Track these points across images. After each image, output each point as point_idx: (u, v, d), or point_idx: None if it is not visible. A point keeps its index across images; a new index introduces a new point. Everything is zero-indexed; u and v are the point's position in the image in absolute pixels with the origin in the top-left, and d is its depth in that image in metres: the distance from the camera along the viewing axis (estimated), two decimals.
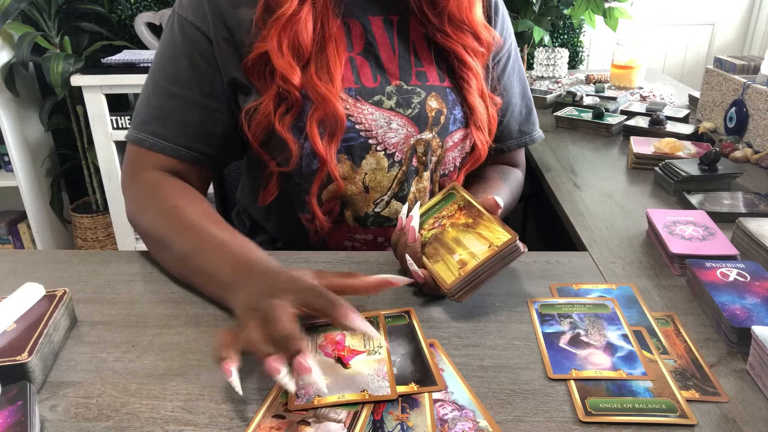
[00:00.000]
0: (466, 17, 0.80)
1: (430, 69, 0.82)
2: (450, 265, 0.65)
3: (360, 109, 0.78)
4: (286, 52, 0.73)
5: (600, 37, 2.44)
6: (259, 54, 0.74)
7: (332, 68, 0.75)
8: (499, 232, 0.66)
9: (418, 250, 0.68)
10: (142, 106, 0.80)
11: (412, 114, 0.80)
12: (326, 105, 0.74)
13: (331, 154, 0.76)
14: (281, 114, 0.75)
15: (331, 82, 0.75)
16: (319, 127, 0.75)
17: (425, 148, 0.82)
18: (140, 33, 2.21)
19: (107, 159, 2.12)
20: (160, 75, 0.79)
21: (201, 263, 0.66)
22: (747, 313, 0.60)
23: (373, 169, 0.80)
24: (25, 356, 0.53)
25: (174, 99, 0.78)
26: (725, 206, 0.90)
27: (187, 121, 0.78)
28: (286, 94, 0.75)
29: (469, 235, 0.68)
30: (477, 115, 0.83)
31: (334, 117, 0.75)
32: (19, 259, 0.78)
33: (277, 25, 0.73)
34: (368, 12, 0.80)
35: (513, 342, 0.60)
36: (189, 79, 0.77)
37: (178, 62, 0.77)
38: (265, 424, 0.49)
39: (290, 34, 0.73)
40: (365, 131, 0.78)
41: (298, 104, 0.75)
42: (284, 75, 0.73)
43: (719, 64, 1.40)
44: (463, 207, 0.71)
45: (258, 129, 0.77)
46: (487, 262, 0.63)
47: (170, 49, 0.78)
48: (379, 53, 0.80)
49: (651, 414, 0.50)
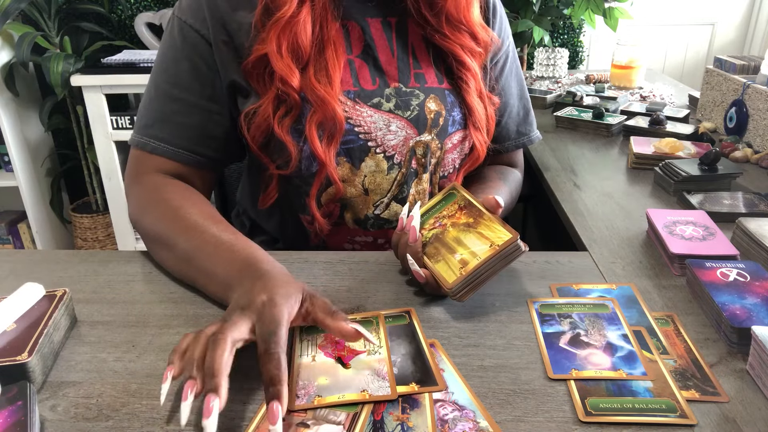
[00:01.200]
0: (464, 17, 0.80)
1: (428, 71, 0.82)
2: (451, 265, 0.65)
3: (359, 111, 0.78)
4: (285, 54, 0.73)
5: (600, 37, 2.44)
6: (258, 56, 0.74)
7: (331, 71, 0.75)
8: (500, 232, 0.66)
9: (419, 250, 0.68)
10: (144, 110, 0.80)
11: (411, 116, 0.80)
12: (325, 108, 0.74)
13: (330, 156, 0.76)
14: (280, 117, 0.75)
15: (330, 84, 0.75)
16: (318, 130, 0.75)
17: (424, 150, 0.82)
18: (140, 33, 2.21)
19: (107, 159, 2.12)
20: (161, 78, 0.79)
21: (203, 263, 0.66)
22: (747, 313, 0.60)
23: (372, 172, 0.80)
24: (25, 356, 0.53)
25: (175, 102, 0.78)
26: (725, 206, 0.90)
27: (188, 124, 0.78)
28: (285, 96, 0.75)
29: (470, 234, 0.68)
30: (476, 116, 0.83)
31: (333, 120, 0.75)
32: (19, 259, 0.78)
33: (276, 27, 0.73)
34: (366, 14, 0.80)
35: (513, 342, 0.60)
36: (190, 83, 0.77)
37: (178, 65, 0.77)
38: (265, 425, 0.49)
39: (289, 36, 0.73)
40: (364, 134, 0.78)
41: (297, 107, 0.75)
42: (283, 77, 0.73)
43: (719, 64, 1.40)
44: (464, 207, 0.71)
45: (257, 132, 0.77)
46: (489, 261, 0.63)
47: (171, 52, 0.78)
48: (377, 55, 0.80)
49: (651, 414, 0.50)
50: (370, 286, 0.70)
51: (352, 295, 0.69)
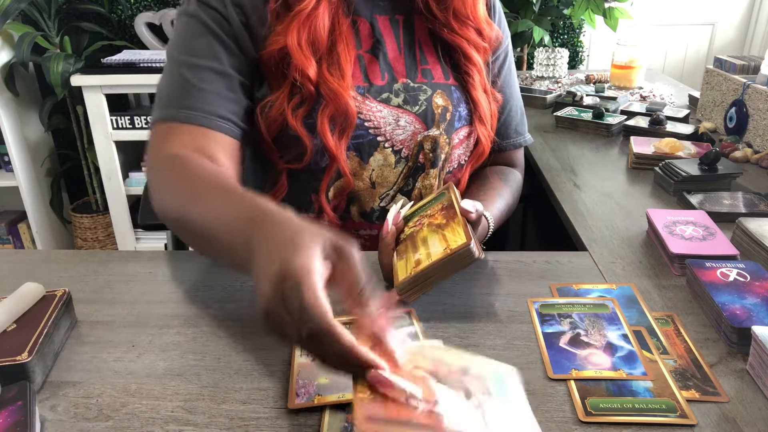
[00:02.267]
0: (471, 13, 0.82)
1: (435, 67, 0.84)
2: (408, 264, 0.65)
3: (369, 106, 0.79)
4: (305, 46, 0.74)
5: (600, 37, 2.44)
6: (277, 48, 0.75)
7: (343, 65, 0.76)
8: (459, 236, 0.64)
9: (389, 243, 0.69)
10: (166, 86, 0.75)
11: (420, 111, 0.81)
12: (338, 100, 0.75)
13: (341, 150, 0.77)
14: (293, 109, 0.76)
15: (342, 78, 0.76)
16: (330, 123, 0.76)
17: (433, 145, 0.82)
18: (140, 33, 2.21)
19: (107, 159, 2.12)
20: (182, 55, 0.74)
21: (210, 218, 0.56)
22: (747, 313, 0.60)
23: (380, 165, 0.81)
24: (25, 356, 0.53)
25: (202, 71, 0.73)
26: (725, 206, 0.90)
27: (217, 91, 0.74)
28: (300, 88, 0.75)
29: (436, 235, 0.67)
30: (480, 110, 0.85)
31: (345, 113, 0.76)
32: (19, 259, 0.78)
33: (298, 20, 0.74)
34: (375, 11, 0.82)
35: (513, 342, 0.60)
36: (215, 52, 0.74)
37: (200, 39, 0.74)
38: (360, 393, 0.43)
39: (309, 30, 0.74)
40: (374, 128, 0.79)
41: (311, 99, 0.76)
42: (302, 69, 0.74)
43: (719, 64, 1.40)
44: (445, 208, 0.71)
45: (273, 125, 0.77)
46: (437, 263, 0.62)
47: (190, 28, 0.75)
48: (386, 51, 0.82)
49: (651, 414, 0.50)
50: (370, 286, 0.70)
51: None
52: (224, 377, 0.56)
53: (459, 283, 0.71)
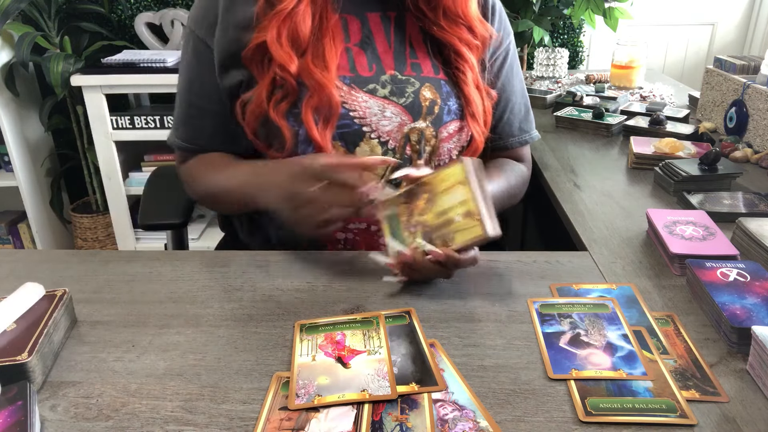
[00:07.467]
0: (461, 11, 0.82)
1: (424, 61, 0.84)
2: (465, 225, 0.66)
3: (354, 96, 0.79)
4: (285, 42, 0.76)
5: (600, 37, 2.44)
6: (257, 44, 0.77)
7: (328, 57, 0.77)
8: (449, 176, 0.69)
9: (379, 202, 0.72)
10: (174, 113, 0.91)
11: (406, 103, 0.81)
12: (321, 91, 0.76)
13: (326, 140, 0.78)
14: (276, 102, 0.78)
15: (326, 69, 0.77)
16: (314, 114, 0.77)
17: (419, 137, 0.83)
18: (140, 33, 2.21)
19: (107, 159, 2.11)
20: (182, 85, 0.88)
21: None
22: (747, 313, 0.60)
23: (367, 156, 0.81)
24: (25, 356, 0.53)
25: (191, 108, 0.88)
26: (725, 206, 0.90)
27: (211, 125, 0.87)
28: (282, 82, 0.77)
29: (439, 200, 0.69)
30: (473, 106, 0.85)
31: (329, 103, 0.77)
32: (19, 259, 0.78)
33: (278, 18, 0.76)
34: (366, 9, 0.83)
35: (513, 342, 0.60)
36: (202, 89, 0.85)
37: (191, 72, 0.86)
38: (274, 417, 0.49)
39: (289, 27, 0.76)
40: (359, 118, 0.79)
41: (294, 92, 0.77)
42: (281, 63, 0.76)
43: (719, 64, 1.40)
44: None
45: (252, 117, 0.80)
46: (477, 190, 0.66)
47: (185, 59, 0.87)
48: (375, 45, 0.82)
49: (651, 414, 0.50)
50: (370, 286, 0.70)
51: (352, 295, 0.69)
52: (224, 377, 0.56)
53: (459, 283, 0.71)
